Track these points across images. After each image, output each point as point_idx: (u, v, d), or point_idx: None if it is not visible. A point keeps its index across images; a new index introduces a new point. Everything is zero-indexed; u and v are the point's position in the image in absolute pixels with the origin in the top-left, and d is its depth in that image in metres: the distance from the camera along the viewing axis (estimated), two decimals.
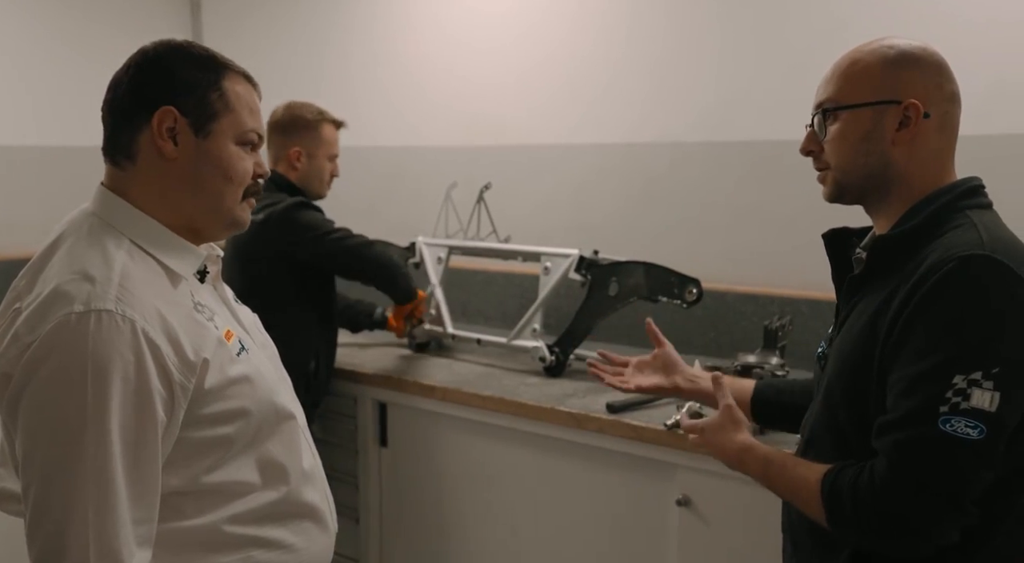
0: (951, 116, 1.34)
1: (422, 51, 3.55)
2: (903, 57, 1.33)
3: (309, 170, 2.69)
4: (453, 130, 3.48)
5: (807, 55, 2.67)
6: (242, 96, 1.30)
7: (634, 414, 2.26)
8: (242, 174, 1.30)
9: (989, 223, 1.27)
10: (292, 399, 1.42)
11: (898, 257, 1.29)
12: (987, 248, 1.19)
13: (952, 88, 1.34)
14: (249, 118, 1.30)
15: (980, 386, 1.15)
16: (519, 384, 2.57)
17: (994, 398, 1.14)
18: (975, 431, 1.15)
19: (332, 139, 2.72)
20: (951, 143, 1.35)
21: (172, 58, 1.27)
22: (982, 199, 1.33)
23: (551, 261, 2.70)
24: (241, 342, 1.32)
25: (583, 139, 3.17)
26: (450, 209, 3.06)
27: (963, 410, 1.15)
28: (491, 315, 3.40)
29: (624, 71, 3.05)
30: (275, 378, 1.39)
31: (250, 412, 1.28)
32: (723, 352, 2.83)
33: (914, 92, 1.31)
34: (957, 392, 1.15)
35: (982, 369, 1.15)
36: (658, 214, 3.02)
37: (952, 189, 1.32)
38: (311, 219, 2.61)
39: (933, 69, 1.33)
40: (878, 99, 1.32)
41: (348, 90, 3.73)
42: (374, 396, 2.77)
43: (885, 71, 1.32)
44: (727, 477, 2.06)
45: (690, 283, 2.45)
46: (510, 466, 2.49)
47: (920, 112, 1.30)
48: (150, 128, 1.24)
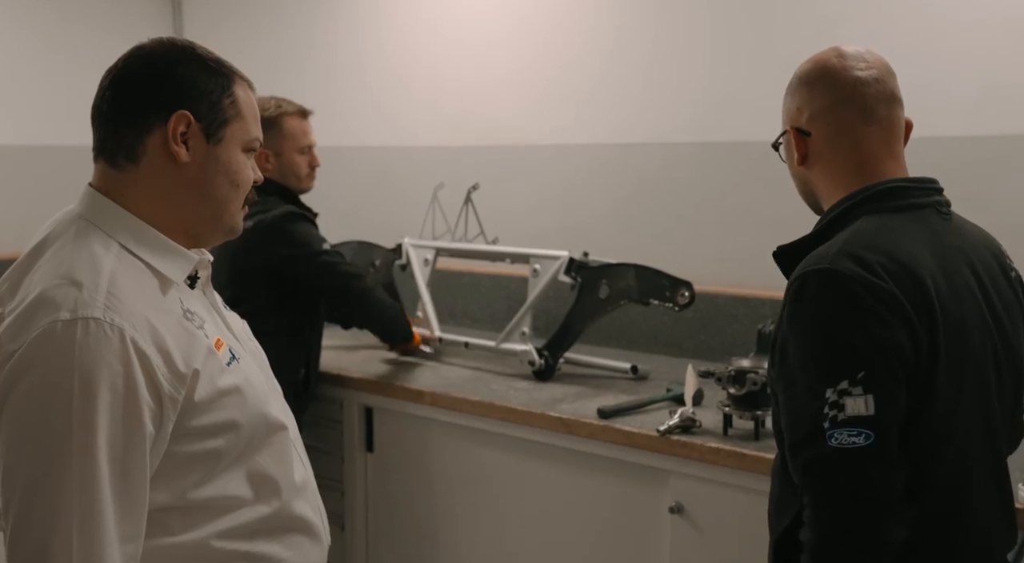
0: (842, 122, 1.35)
1: (408, 49, 3.51)
2: (791, 83, 1.42)
3: (280, 169, 2.58)
4: (440, 129, 3.43)
5: (800, 54, 2.59)
6: (249, 102, 1.30)
7: (626, 419, 2.23)
8: (247, 181, 1.30)
9: (866, 229, 1.27)
10: (283, 409, 1.38)
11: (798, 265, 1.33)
12: (831, 259, 1.23)
13: (833, 94, 1.35)
14: (255, 125, 1.31)
15: (850, 394, 1.19)
16: (508, 388, 2.54)
17: (868, 401, 1.19)
18: (860, 438, 1.18)
19: (298, 131, 2.58)
20: (859, 148, 1.35)
21: (185, 61, 1.25)
22: (894, 202, 1.32)
23: (540, 263, 2.67)
24: (231, 351, 1.28)
25: (573, 139, 3.14)
26: (437, 210, 3.02)
27: (842, 421, 1.19)
28: (478, 317, 3.36)
29: (615, 70, 3.02)
30: (266, 388, 1.34)
31: (240, 424, 1.24)
32: (714, 355, 2.81)
33: (790, 116, 1.40)
34: (832, 405, 1.19)
35: (847, 377, 1.20)
36: (649, 215, 2.99)
37: (858, 194, 1.34)
38: (301, 232, 2.53)
39: (807, 86, 1.37)
40: (781, 131, 1.44)
41: (333, 89, 3.68)
42: (360, 401, 2.73)
43: (784, 101, 1.43)
44: (721, 484, 2.04)
45: (682, 286, 2.42)
46: (499, 472, 2.45)
47: (793, 136, 1.38)
48: (163, 132, 1.21)
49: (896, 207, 1.33)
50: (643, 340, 2.97)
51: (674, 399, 2.34)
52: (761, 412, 2.05)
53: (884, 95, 1.37)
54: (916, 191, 1.36)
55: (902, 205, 1.34)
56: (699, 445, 2.05)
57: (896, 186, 1.35)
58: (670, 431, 2.10)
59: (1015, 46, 2.35)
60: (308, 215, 2.60)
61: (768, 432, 2.06)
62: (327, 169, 2.76)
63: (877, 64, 1.39)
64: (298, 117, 2.59)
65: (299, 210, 2.59)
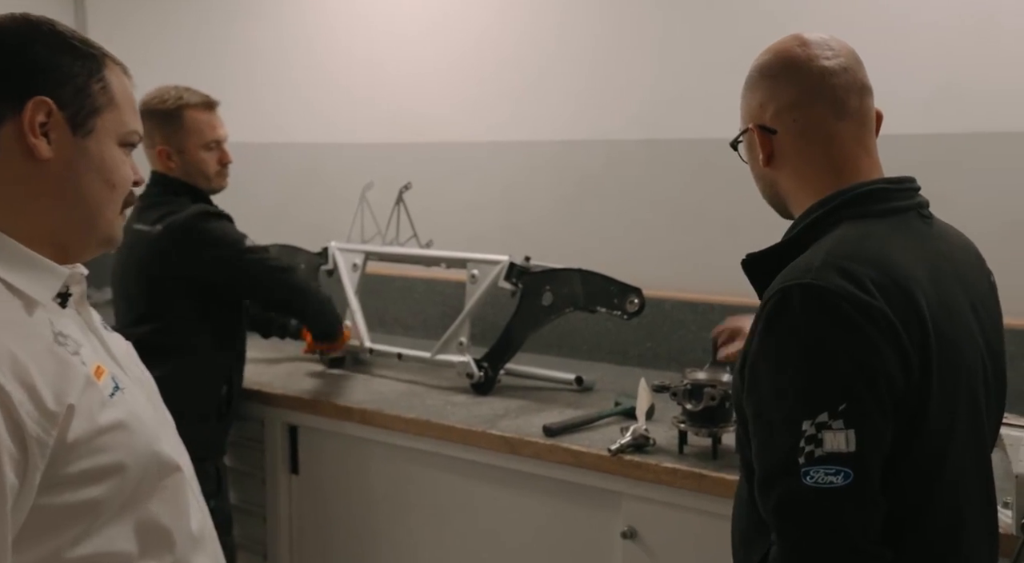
0: (811, 117, 1.22)
1: (336, 40, 3.30)
2: (750, 77, 1.29)
3: (186, 167, 2.34)
4: (369, 125, 3.24)
5: (754, 48, 2.49)
6: (125, 90, 1.13)
7: (574, 437, 2.06)
8: (125, 181, 1.13)
9: (850, 237, 1.14)
10: (177, 446, 1.18)
11: (771, 276, 1.18)
12: (812, 273, 1.08)
13: (800, 86, 1.22)
14: (132, 116, 1.14)
15: (830, 428, 1.05)
16: (445, 403, 2.35)
17: (849, 437, 1.05)
18: (839, 477, 1.04)
19: (203, 124, 2.33)
20: (831, 146, 1.22)
21: (43, 39, 1.06)
22: (876, 206, 1.19)
23: (478, 268, 2.49)
24: (115, 379, 1.08)
25: (511, 136, 2.97)
26: (366, 211, 2.82)
27: (819, 458, 1.05)
28: (411, 324, 3.17)
29: (556, 63, 2.86)
30: (156, 422, 1.15)
31: (126, 467, 1.04)
32: (660, 363, 2.68)
33: (751, 113, 1.27)
34: (809, 440, 1.06)
35: (827, 409, 1.05)
36: (593, 217, 2.84)
37: (834, 198, 1.20)
38: (219, 232, 2.31)
39: (769, 79, 1.24)
40: (742, 129, 1.31)
41: (255, 84, 3.45)
42: (284, 419, 2.51)
43: (744, 95, 1.30)
44: (676, 507, 1.89)
45: (631, 293, 2.27)
46: (437, 495, 2.27)
47: (756, 134, 1.25)
48: (16, 122, 1.04)
49: (879, 212, 1.19)
50: (586, 348, 2.81)
51: (624, 413, 2.18)
52: (719, 429, 1.91)
53: (854, 85, 1.23)
54: (897, 193, 1.22)
55: (884, 209, 1.20)
56: (653, 465, 1.90)
57: (876, 188, 1.21)
58: (622, 450, 1.94)
59: (970, 45, 2.27)
60: (223, 212, 2.38)
61: (727, 449, 1.92)
62: (247, 167, 2.55)
63: (844, 51, 1.25)
64: (203, 109, 2.34)
65: (212, 208, 2.37)
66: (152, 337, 2.26)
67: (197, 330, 2.30)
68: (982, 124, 2.27)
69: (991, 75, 2.25)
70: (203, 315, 2.32)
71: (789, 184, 1.26)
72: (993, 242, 1.55)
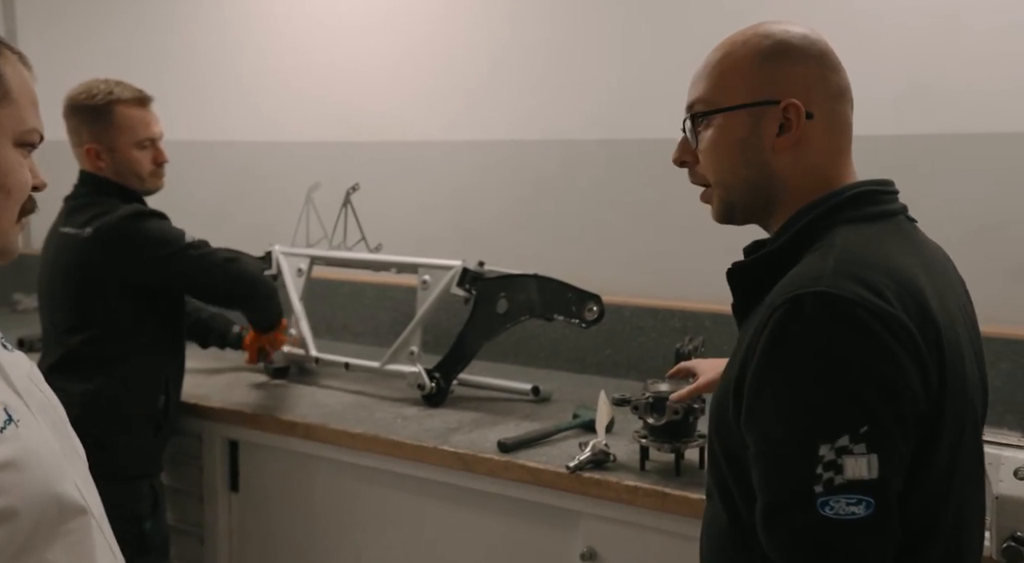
0: (840, 114, 1.13)
1: (279, 34, 3.16)
2: (780, 47, 1.13)
3: (117, 167, 2.19)
4: (314, 123, 3.10)
5: (714, 45, 2.45)
6: (24, 83, 1.02)
7: (530, 453, 1.96)
8: (22, 186, 1.01)
9: (854, 242, 1.04)
10: (84, 484, 1.04)
11: (760, 285, 1.09)
12: (826, 281, 0.98)
13: (839, 81, 1.13)
14: (31, 112, 1.02)
15: (851, 453, 0.94)
16: (395, 417, 2.23)
17: (871, 462, 0.94)
18: (861, 507, 0.94)
19: (135, 121, 2.18)
20: (842, 145, 1.14)
21: None
22: (869, 209, 1.10)
23: (430, 273, 2.37)
24: (7, 410, 0.95)
25: (462, 135, 2.86)
26: (311, 213, 2.69)
27: (839, 486, 0.94)
28: (360, 331, 3.04)
29: (509, 58, 2.76)
30: (59, 456, 1.01)
31: (17, 512, 0.92)
32: (619, 371, 2.59)
33: (794, 89, 1.11)
34: (828, 466, 0.95)
35: (848, 432, 0.95)
36: (548, 220, 2.74)
37: (826, 200, 1.10)
38: (157, 232, 2.17)
39: (815, 60, 1.12)
40: (753, 100, 1.12)
41: (194, 79, 3.30)
42: (223, 433, 2.37)
43: (761, 65, 1.13)
44: (639, 527, 1.80)
45: (590, 300, 2.18)
46: (385, 514, 2.15)
47: (802, 113, 1.10)
48: None
49: (872, 215, 1.10)
50: (543, 355, 2.71)
51: (582, 426, 2.09)
52: (682, 444, 1.82)
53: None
54: (885, 195, 1.14)
55: (878, 212, 1.11)
56: (614, 483, 1.80)
57: (866, 190, 1.12)
58: (581, 467, 1.84)
59: (939, 45, 2.21)
60: (157, 211, 2.23)
61: (690, 465, 1.84)
62: (185, 167, 2.41)
63: None
64: (135, 105, 2.19)
65: (145, 207, 2.23)
66: (84, 347, 2.15)
67: (133, 338, 2.17)
68: (948, 126, 2.21)
69: (957, 76, 2.19)
70: (139, 322, 2.19)
71: (792, 177, 1.12)
72: (961, 246, 1.47)
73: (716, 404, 1.13)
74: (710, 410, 1.17)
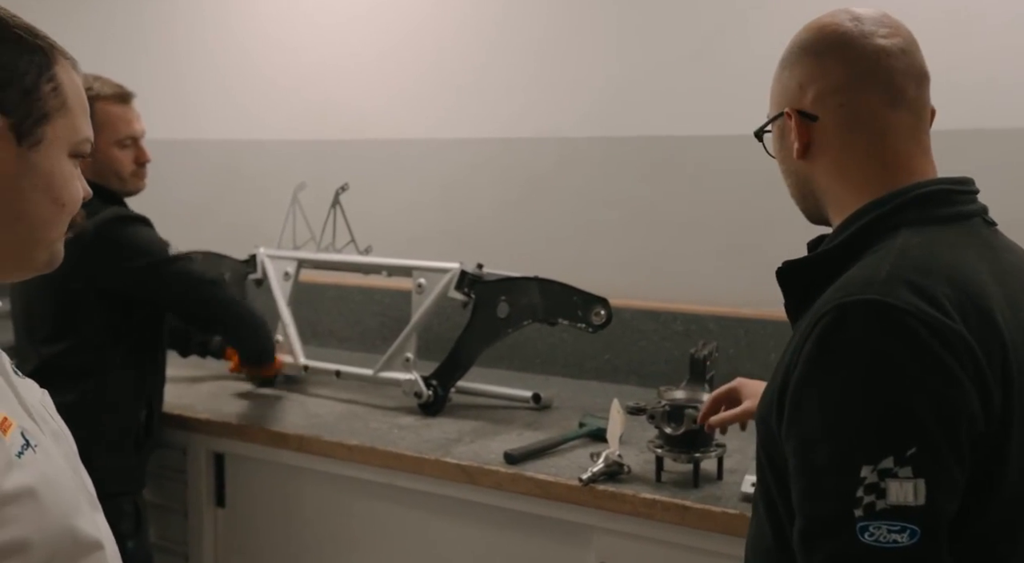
0: (863, 104, 1.05)
1: (263, 30, 3.05)
2: (789, 54, 1.12)
3: (97, 167, 2.06)
4: (300, 121, 2.99)
5: (713, 40, 2.39)
6: (78, 91, 0.96)
7: (539, 464, 1.87)
8: (75, 199, 0.97)
9: (916, 246, 0.97)
10: (97, 516, 0.96)
11: (815, 286, 1.02)
12: (878, 288, 0.92)
13: (851, 67, 1.05)
14: (84, 121, 0.97)
15: (895, 476, 0.88)
16: (391, 427, 2.13)
17: (918, 487, 0.87)
18: (904, 535, 0.87)
19: (117, 119, 2.08)
20: (883, 139, 1.05)
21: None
22: (940, 210, 1.03)
23: (426, 277, 2.28)
24: (24, 434, 0.87)
25: (453, 133, 2.77)
26: (298, 214, 2.57)
27: (881, 511, 0.87)
28: (346, 336, 2.94)
29: (501, 54, 2.67)
30: (74, 488, 0.93)
31: (31, 545, 0.84)
32: (619, 376, 2.51)
33: (788, 95, 1.10)
34: (869, 489, 0.88)
35: (893, 453, 0.88)
36: (543, 220, 2.66)
37: (889, 200, 1.03)
38: (138, 238, 2.07)
39: (813, 57, 1.06)
40: (775, 113, 1.13)
41: (174, 75, 3.18)
42: (209, 446, 2.26)
43: (779, 76, 1.13)
44: (656, 542, 1.72)
45: (596, 303, 2.09)
46: (384, 530, 2.05)
47: (794, 120, 1.09)
48: None
49: (943, 217, 1.02)
50: (539, 360, 2.63)
51: (590, 435, 2.01)
52: (700, 454, 1.74)
53: (913, 70, 1.06)
54: (961, 195, 1.05)
55: (949, 214, 1.03)
56: (631, 496, 1.71)
57: (939, 189, 1.04)
58: (594, 479, 1.75)
59: (952, 39, 2.15)
60: (140, 216, 2.12)
61: (708, 476, 1.76)
62: (166, 167, 2.30)
63: (902, 31, 1.08)
64: (116, 102, 2.08)
65: (128, 211, 2.11)
66: (61, 359, 2.04)
67: (113, 349, 2.07)
68: (963, 121, 2.16)
69: (972, 70, 2.13)
70: (120, 332, 2.08)
71: (827, 181, 1.08)
72: None
73: (761, 412, 1.07)
74: (756, 418, 1.10)
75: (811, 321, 0.96)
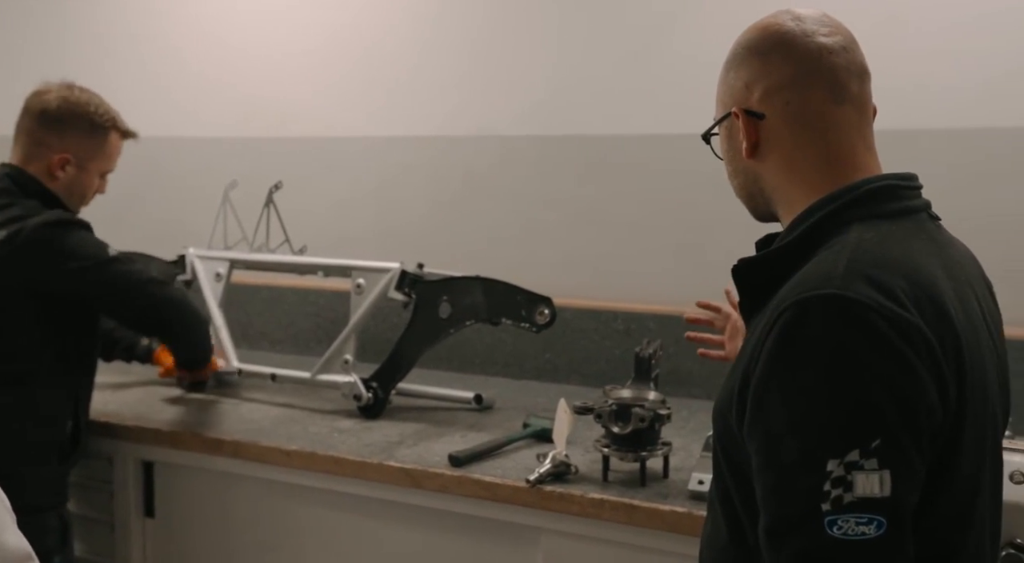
0: (808, 100, 1.06)
1: (190, 20, 2.96)
2: (733, 55, 1.13)
3: (72, 183, 2.05)
4: (231, 117, 2.92)
5: (651, 39, 2.40)
6: None
7: (484, 467, 1.84)
8: None
9: (869, 241, 0.98)
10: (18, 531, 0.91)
11: (769, 284, 1.03)
12: (837, 282, 0.92)
13: (795, 65, 1.06)
14: None
15: (862, 468, 0.88)
16: (330, 431, 2.08)
17: (884, 478, 0.88)
18: (871, 527, 0.87)
19: (115, 152, 2.11)
20: (828, 135, 1.06)
21: None
22: (888, 205, 1.04)
23: (365, 277, 2.23)
24: None
25: (389, 131, 2.73)
26: (229, 213, 2.50)
27: (848, 504, 0.88)
28: (279, 339, 2.87)
29: (436, 51, 2.64)
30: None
31: None
32: (560, 375, 2.50)
33: (734, 95, 1.11)
34: (836, 482, 0.88)
35: (859, 446, 0.88)
36: (481, 219, 2.63)
37: (840, 196, 1.04)
38: (78, 241, 1.99)
39: (758, 56, 1.09)
40: (722, 114, 1.14)
41: (94, 66, 3.01)
42: (137, 454, 2.17)
43: (724, 78, 1.13)
44: (603, 542, 1.72)
45: (540, 303, 2.08)
46: (326, 537, 2.00)
47: (740, 119, 1.09)
48: None
49: (892, 212, 1.03)
50: (478, 361, 2.60)
51: (535, 436, 1.99)
52: (647, 453, 1.74)
53: (855, 67, 1.08)
54: (907, 191, 1.07)
55: (898, 209, 1.04)
56: (578, 496, 1.70)
57: (885, 185, 1.05)
58: (542, 480, 1.74)
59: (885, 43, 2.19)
60: (82, 220, 2.06)
61: (654, 474, 1.76)
62: None
63: (842, 30, 1.10)
64: (122, 138, 2.13)
65: (69, 214, 2.04)
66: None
67: (40, 355, 1.97)
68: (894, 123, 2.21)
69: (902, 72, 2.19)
70: (49, 337, 1.99)
71: (777, 179, 1.09)
72: None
73: (719, 409, 1.06)
74: (713, 415, 1.09)
75: (770, 317, 0.96)
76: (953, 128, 2.14)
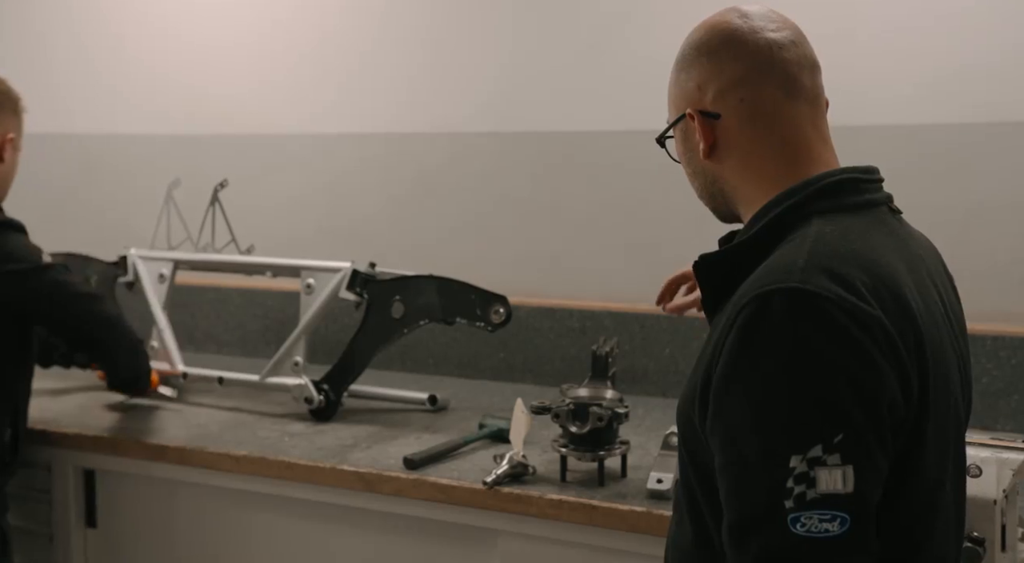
0: (761, 97, 1.05)
1: (132, 10, 2.87)
2: (683, 56, 1.12)
3: (10, 168, 1.99)
4: (174, 113, 2.83)
5: (604, 35, 2.38)
6: None
7: (440, 469, 1.81)
8: None
9: (830, 234, 0.98)
10: None
11: (731, 280, 1.02)
12: (797, 276, 0.92)
13: (746, 62, 1.05)
14: None
15: (825, 464, 0.87)
16: (281, 435, 2.03)
17: (847, 474, 0.87)
18: (835, 523, 0.87)
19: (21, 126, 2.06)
20: (783, 130, 1.05)
21: None
22: (849, 199, 1.04)
23: (315, 277, 2.18)
24: None
25: (337, 128, 2.68)
26: (173, 212, 2.42)
27: (812, 501, 0.87)
28: (226, 341, 2.80)
29: (386, 45, 2.59)
30: None
31: None
32: (515, 375, 2.48)
33: (687, 97, 1.10)
34: (799, 479, 0.87)
35: (821, 441, 0.87)
36: (433, 218, 2.59)
37: (800, 189, 1.03)
38: (13, 244, 1.93)
39: (708, 56, 1.07)
40: (676, 116, 1.13)
41: (28, 60, 2.93)
42: (77, 462, 2.10)
43: (675, 78, 1.13)
44: (562, 544, 1.70)
45: (495, 301, 2.05)
46: (278, 544, 1.94)
47: (695, 121, 1.08)
48: None
49: (853, 205, 1.03)
50: (432, 361, 2.56)
51: (491, 437, 1.96)
52: (604, 452, 1.71)
53: (805, 61, 1.07)
54: (868, 184, 1.07)
55: (859, 202, 1.03)
56: (536, 497, 1.67)
57: (847, 178, 1.04)
58: (499, 481, 1.71)
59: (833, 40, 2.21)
60: (17, 222, 1.97)
61: (612, 473, 1.74)
62: (24, 162, 2.12)
63: (788, 24, 1.09)
64: None
65: (3, 215, 1.97)
66: None
67: None
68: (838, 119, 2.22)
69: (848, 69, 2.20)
70: None
71: (736, 178, 1.08)
72: None
73: (682, 408, 1.05)
74: (677, 414, 1.08)
75: (731, 313, 0.95)
76: (897, 124, 2.15)
